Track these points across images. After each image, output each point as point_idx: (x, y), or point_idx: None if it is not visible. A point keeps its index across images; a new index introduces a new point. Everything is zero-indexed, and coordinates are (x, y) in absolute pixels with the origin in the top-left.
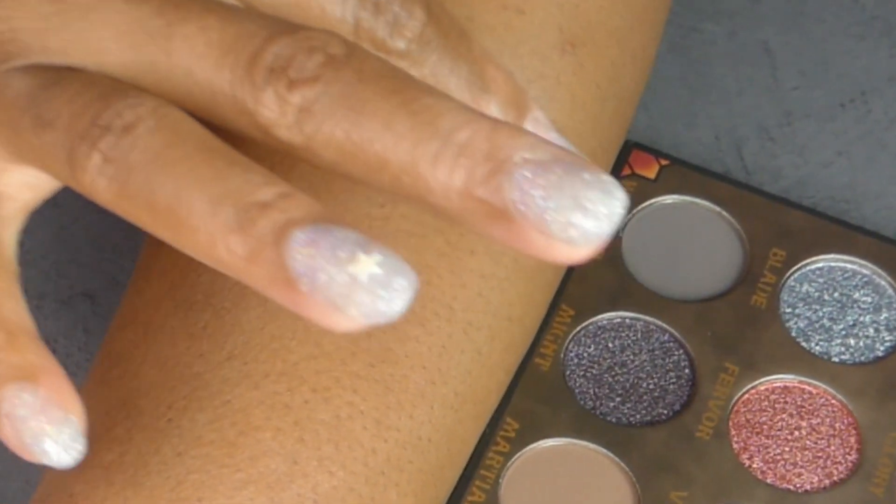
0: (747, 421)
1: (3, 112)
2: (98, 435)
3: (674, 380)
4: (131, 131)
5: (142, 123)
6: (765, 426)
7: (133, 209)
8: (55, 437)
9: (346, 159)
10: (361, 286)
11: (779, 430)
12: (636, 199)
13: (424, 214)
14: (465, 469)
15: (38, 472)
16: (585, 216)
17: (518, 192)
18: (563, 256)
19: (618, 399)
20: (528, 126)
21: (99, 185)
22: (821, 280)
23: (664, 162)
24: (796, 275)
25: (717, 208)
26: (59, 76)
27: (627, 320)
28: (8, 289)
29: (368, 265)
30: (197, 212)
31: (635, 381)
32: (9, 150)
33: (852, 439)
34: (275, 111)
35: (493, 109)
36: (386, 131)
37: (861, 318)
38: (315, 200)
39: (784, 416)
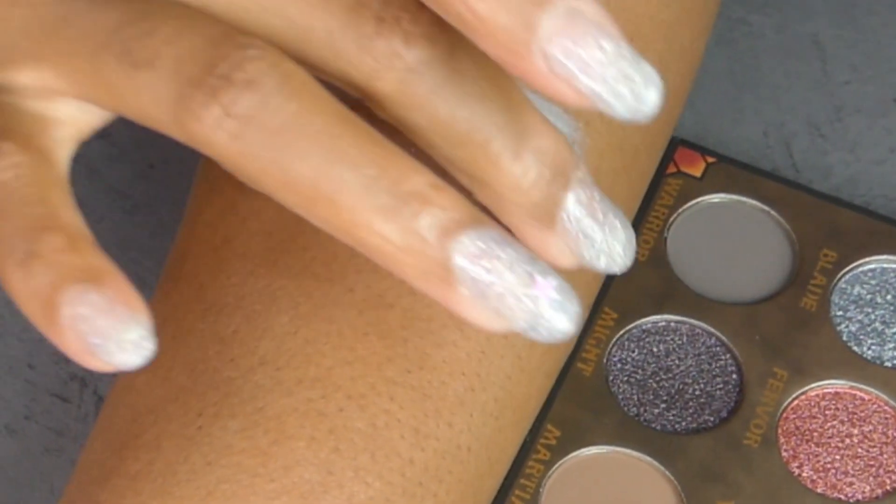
0: (797, 428)
1: (76, 42)
2: (125, 442)
3: (720, 385)
4: (256, 88)
5: (267, 80)
6: (815, 433)
7: (257, 171)
8: (123, 335)
9: (432, 128)
10: (541, 308)
11: (829, 437)
12: (682, 197)
13: None
14: (505, 478)
15: (63, 481)
16: (614, 251)
17: (573, 210)
18: (567, 267)
19: (663, 405)
20: (571, 190)
21: (217, 139)
22: (873, 282)
23: (711, 159)
24: (847, 276)
25: (766, 207)
26: (147, 9)
27: (672, 324)
28: (66, 200)
29: (547, 289)
30: (347, 191)
31: (681, 386)
32: (74, 80)
33: None
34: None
35: (530, 159)
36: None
37: None
38: (463, 196)
39: (835, 422)
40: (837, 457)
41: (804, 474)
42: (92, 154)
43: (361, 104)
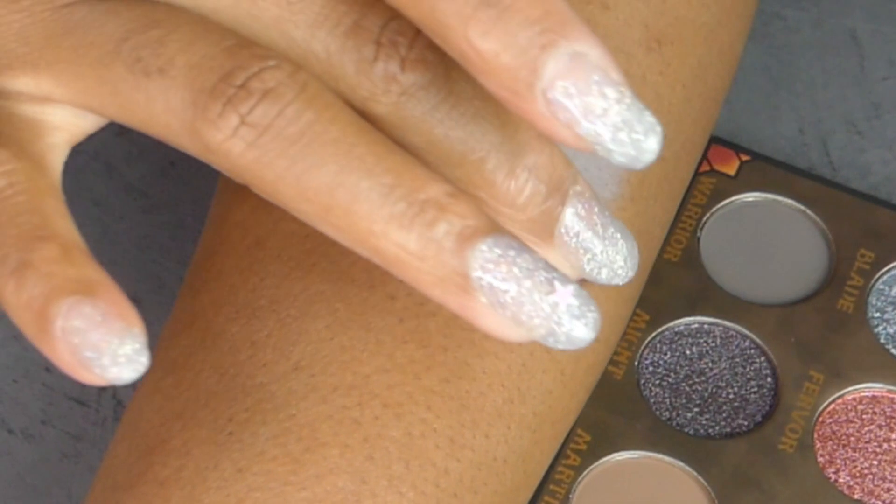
0: (833, 433)
1: (80, 50)
2: (152, 447)
3: (755, 389)
4: (274, 98)
5: (284, 90)
6: (852, 438)
7: (272, 181)
8: (118, 349)
9: (430, 149)
10: (560, 314)
11: (867, 442)
12: (715, 196)
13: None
14: None
15: (81, 487)
16: (616, 264)
17: (569, 225)
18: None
19: (696, 409)
20: (569, 204)
21: (233, 149)
22: None
23: (745, 157)
24: (885, 277)
25: (801, 207)
26: (155, 17)
27: (706, 326)
28: (59, 208)
29: (566, 296)
30: (363, 199)
31: (714, 390)
32: (76, 88)
33: None
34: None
35: (524, 176)
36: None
37: None
38: (479, 205)
39: (872, 427)
40: (875, 462)
41: (841, 480)
42: (112, 152)
43: None
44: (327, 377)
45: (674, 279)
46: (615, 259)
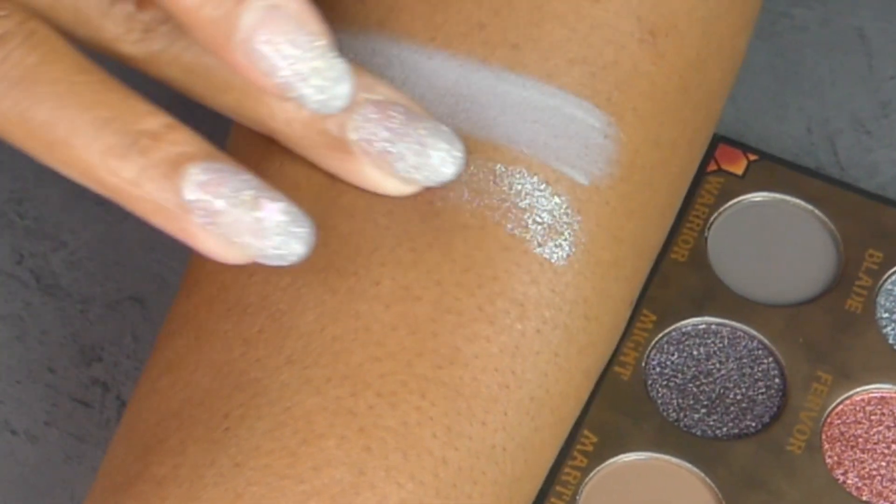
0: (841, 434)
1: None
2: (149, 447)
3: (763, 390)
4: (1, 45)
5: (11, 37)
6: (860, 439)
7: (2, 123)
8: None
9: (191, 78)
10: (267, 230)
11: (875, 443)
12: (723, 196)
13: (483, 209)
14: (541, 485)
15: (84, 489)
16: (431, 161)
17: (362, 130)
18: (392, 191)
19: (703, 410)
20: (359, 110)
21: None
22: None
23: (752, 157)
24: (894, 277)
25: (809, 206)
26: None
27: (713, 326)
28: None
29: (273, 211)
30: (79, 133)
31: (722, 391)
32: None
33: None
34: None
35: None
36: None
37: None
38: (199, 135)
39: (881, 428)
40: (883, 463)
41: (849, 481)
42: None
43: None
44: (320, 369)
45: (681, 279)
46: (426, 156)
